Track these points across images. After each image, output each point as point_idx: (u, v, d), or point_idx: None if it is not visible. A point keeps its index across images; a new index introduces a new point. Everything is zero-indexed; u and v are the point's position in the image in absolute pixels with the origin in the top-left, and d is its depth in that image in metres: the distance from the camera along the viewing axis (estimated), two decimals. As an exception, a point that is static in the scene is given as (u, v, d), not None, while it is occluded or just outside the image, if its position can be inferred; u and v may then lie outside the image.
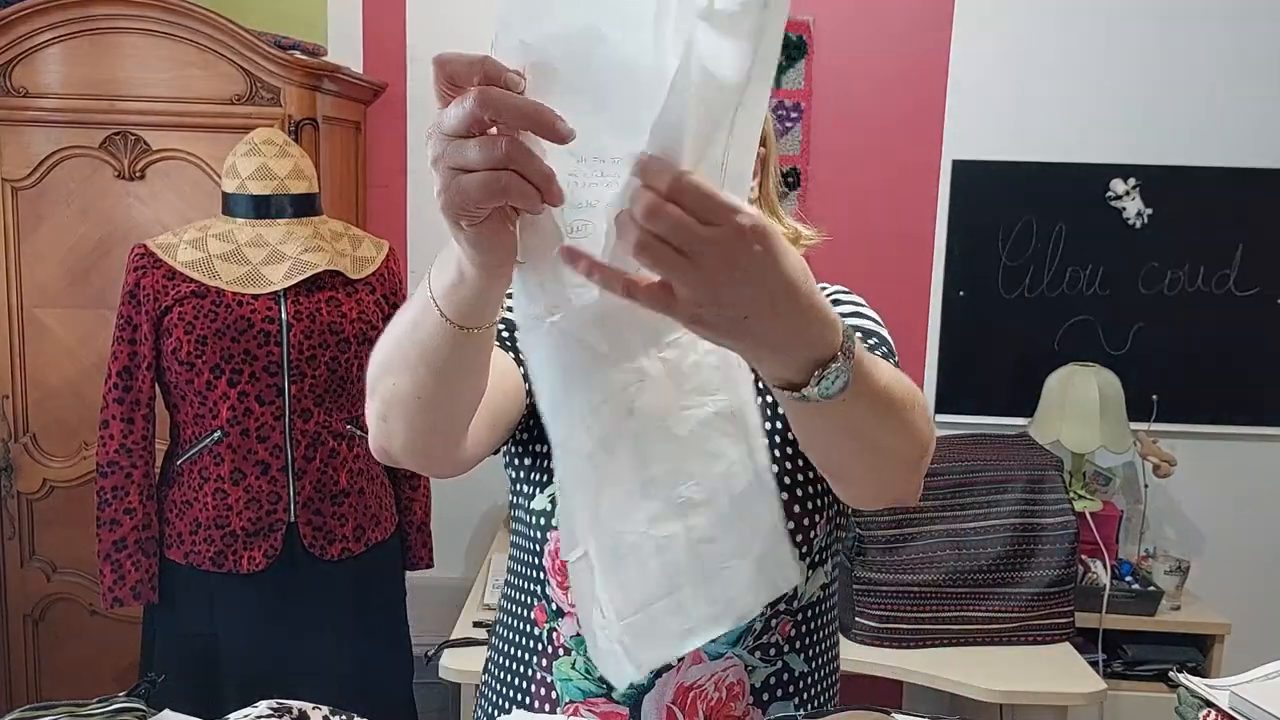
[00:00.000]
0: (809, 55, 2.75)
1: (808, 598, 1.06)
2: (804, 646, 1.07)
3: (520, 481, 1.11)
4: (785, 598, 1.03)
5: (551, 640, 1.07)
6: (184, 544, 1.96)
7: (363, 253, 2.08)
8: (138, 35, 2.24)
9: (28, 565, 2.42)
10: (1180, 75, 2.74)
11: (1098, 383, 2.62)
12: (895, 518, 2.25)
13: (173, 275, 1.92)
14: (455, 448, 0.91)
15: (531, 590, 1.09)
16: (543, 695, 1.06)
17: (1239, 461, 2.87)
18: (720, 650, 1.02)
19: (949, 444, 2.45)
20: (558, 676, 1.05)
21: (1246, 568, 2.89)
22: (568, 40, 0.68)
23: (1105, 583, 2.48)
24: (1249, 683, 1.16)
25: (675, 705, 1.02)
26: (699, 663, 1.02)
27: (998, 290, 2.81)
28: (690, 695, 1.02)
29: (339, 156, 2.55)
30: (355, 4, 2.75)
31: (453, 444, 0.91)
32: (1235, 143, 2.75)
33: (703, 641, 0.83)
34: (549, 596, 1.06)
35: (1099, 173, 2.77)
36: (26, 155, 2.28)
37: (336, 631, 2.04)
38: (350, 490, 2.02)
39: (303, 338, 1.93)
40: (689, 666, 1.02)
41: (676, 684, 1.02)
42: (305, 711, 1.15)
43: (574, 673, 1.04)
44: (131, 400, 1.94)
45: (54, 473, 2.39)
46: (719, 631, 0.84)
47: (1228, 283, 2.80)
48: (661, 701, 1.02)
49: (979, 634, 2.23)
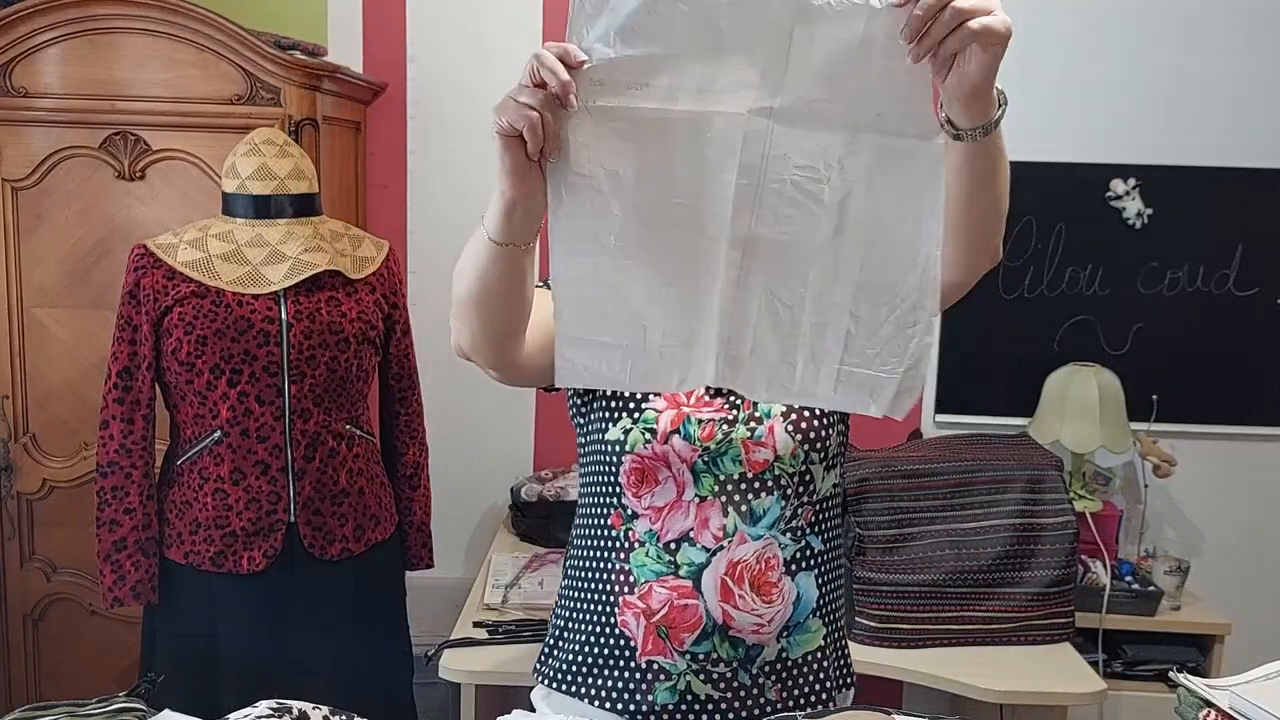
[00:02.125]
0: (809, 55, 2.75)
1: (823, 492, 1.34)
2: (821, 530, 1.34)
3: (589, 422, 1.38)
4: (809, 492, 1.32)
5: (627, 537, 1.32)
6: (184, 544, 1.96)
7: (363, 253, 2.08)
8: (138, 35, 2.24)
9: (27, 565, 2.42)
10: (1180, 75, 2.74)
11: (1097, 383, 2.62)
12: (895, 518, 2.25)
13: (173, 275, 1.92)
14: (510, 348, 1.18)
15: (608, 503, 1.35)
16: (621, 580, 1.32)
17: (1239, 461, 2.88)
18: (760, 533, 1.29)
19: (949, 444, 2.45)
20: (634, 564, 1.31)
21: (1246, 568, 2.89)
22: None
23: (1105, 583, 2.48)
24: (1249, 683, 1.16)
25: (727, 576, 1.28)
26: (744, 543, 1.29)
27: (998, 290, 2.81)
28: (738, 568, 1.28)
29: (339, 157, 2.55)
30: (355, 4, 2.76)
31: (507, 343, 1.18)
32: (1235, 143, 2.75)
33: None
34: (624, 504, 1.33)
35: (1099, 173, 2.77)
36: (26, 155, 2.28)
37: (336, 631, 2.04)
38: (350, 490, 2.02)
39: (303, 338, 1.93)
40: (737, 546, 1.28)
41: (728, 560, 1.28)
42: (305, 711, 1.15)
43: (648, 559, 1.31)
44: (131, 400, 1.94)
45: (54, 473, 2.40)
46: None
47: (1228, 283, 2.80)
48: (717, 574, 1.28)
49: (979, 634, 2.23)
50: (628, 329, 1.04)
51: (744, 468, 1.29)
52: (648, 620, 1.30)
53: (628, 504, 1.33)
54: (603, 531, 1.36)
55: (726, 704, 1.31)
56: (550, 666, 1.40)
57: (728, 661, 1.30)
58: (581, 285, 1.03)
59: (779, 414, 1.30)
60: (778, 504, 1.30)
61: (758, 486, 1.29)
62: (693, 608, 1.29)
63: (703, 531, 1.29)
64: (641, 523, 1.32)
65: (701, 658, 1.30)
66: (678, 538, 1.29)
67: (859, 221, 1.01)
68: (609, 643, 1.33)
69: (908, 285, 1.01)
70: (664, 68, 0.96)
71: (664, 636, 1.30)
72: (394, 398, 2.19)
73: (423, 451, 2.23)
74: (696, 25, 0.95)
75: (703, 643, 1.29)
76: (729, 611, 1.28)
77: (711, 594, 1.28)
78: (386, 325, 2.10)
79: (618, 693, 1.32)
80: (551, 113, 0.95)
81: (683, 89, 0.97)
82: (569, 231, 1.01)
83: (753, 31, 0.95)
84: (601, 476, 1.36)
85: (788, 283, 1.03)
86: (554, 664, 1.40)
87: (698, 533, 1.29)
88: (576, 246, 1.02)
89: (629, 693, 1.32)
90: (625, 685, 1.32)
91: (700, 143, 0.98)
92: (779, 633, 1.31)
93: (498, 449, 2.89)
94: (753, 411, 1.31)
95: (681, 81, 0.97)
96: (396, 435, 2.20)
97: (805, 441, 1.30)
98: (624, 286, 1.03)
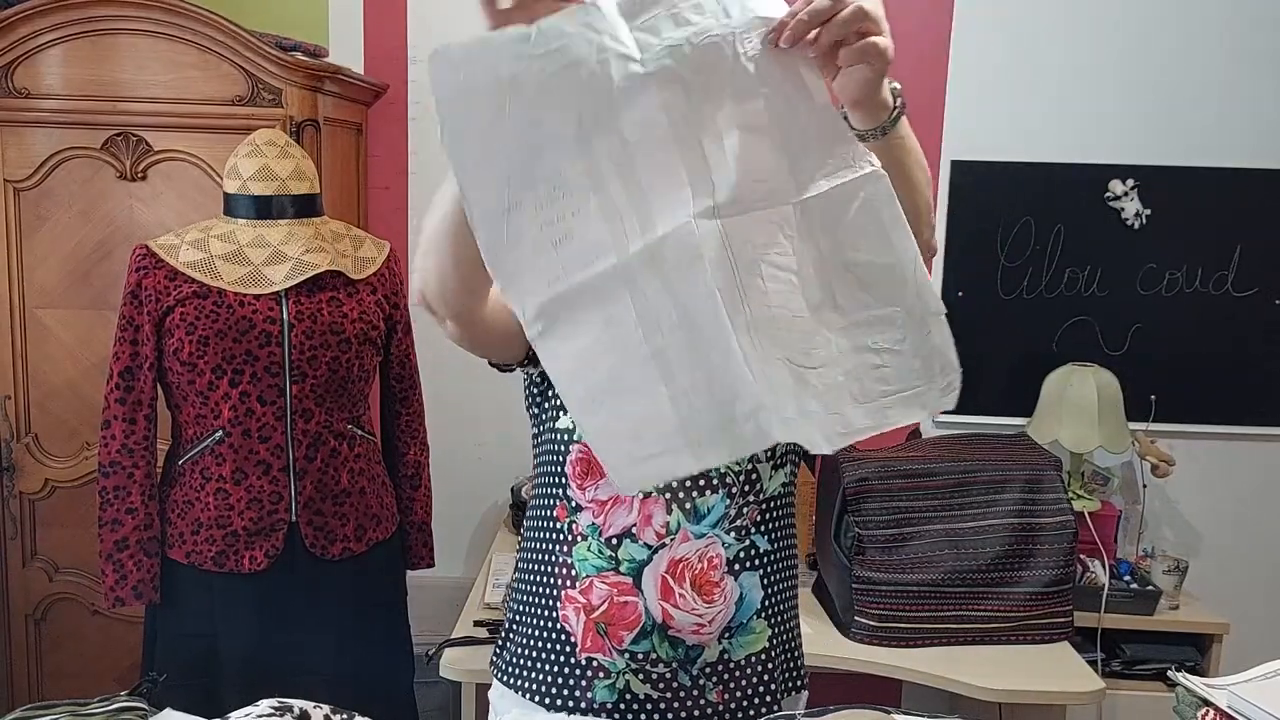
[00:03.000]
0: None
1: (770, 491, 1.33)
2: (768, 530, 1.33)
3: (543, 411, 1.37)
4: (754, 491, 1.31)
5: (571, 530, 1.32)
6: (185, 544, 1.96)
7: (364, 253, 2.09)
8: (139, 36, 2.25)
9: (29, 565, 2.43)
10: (1179, 76, 2.75)
11: (1096, 383, 2.63)
12: (894, 518, 2.25)
13: (174, 276, 1.92)
14: (478, 295, 1.19)
15: (554, 494, 1.34)
16: (563, 574, 1.32)
17: (1237, 461, 2.88)
18: (703, 531, 1.29)
19: (947, 444, 2.45)
20: (576, 558, 1.30)
21: (1245, 567, 2.90)
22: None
23: (1104, 582, 2.49)
24: (1247, 682, 1.17)
25: (668, 574, 1.27)
26: (686, 541, 1.28)
27: (996, 291, 2.81)
28: (680, 566, 1.28)
29: (340, 157, 2.55)
30: (356, 5, 2.76)
31: (476, 287, 1.18)
32: (1234, 143, 2.76)
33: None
34: (569, 496, 1.32)
35: (1098, 173, 2.78)
36: (28, 156, 2.29)
37: (337, 631, 2.05)
38: (351, 490, 2.03)
39: (304, 338, 1.94)
40: (679, 544, 1.28)
41: (669, 558, 1.28)
42: (306, 711, 1.16)
43: (589, 553, 1.30)
44: (133, 400, 1.94)
45: (56, 473, 2.40)
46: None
47: (1226, 283, 2.81)
48: (657, 572, 1.28)
49: (978, 633, 2.23)
50: (670, 439, 1.03)
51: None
52: (588, 616, 1.29)
53: (572, 496, 1.31)
54: (549, 524, 1.35)
55: (666, 704, 1.30)
56: (502, 659, 1.40)
57: (667, 662, 1.29)
58: (614, 429, 1.02)
59: None
60: (722, 502, 1.29)
61: (702, 484, 1.28)
62: (632, 605, 1.28)
63: (645, 528, 1.28)
64: (585, 515, 1.30)
65: (640, 657, 1.29)
66: (620, 533, 1.28)
67: (839, 271, 1.02)
68: (551, 637, 1.33)
69: (908, 302, 1.02)
70: (600, 220, 0.99)
71: (603, 634, 1.29)
72: (395, 398, 2.19)
73: (424, 451, 2.24)
74: (610, 173, 0.98)
75: (641, 641, 1.28)
76: (669, 610, 1.27)
77: (651, 592, 1.28)
78: (387, 325, 2.10)
79: (557, 689, 1.32)
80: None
81: (627, 233, 0.99)
82: (580, 387, 1.02)
83: (663, 153, 0.98)
84: (550, 467, 1.35)
85: (804, 349, 1.04)
86: (504, 659, 1.40)
87: (640, 529, 1.28)
88: (595, 405, 1.02)
89: (569, 689, 1.31)
90: (565, 682, 1.32)
91: (664, 269, 1.00)
92: (720, 634, 1.30)
93: (498, 449, 2.89)
94: None
95: (624, 227, 0.99)
96: (397, 435, 2.21)
97: None
98: (656, 417, 1.02)
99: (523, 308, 1.00)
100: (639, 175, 0.98)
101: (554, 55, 0.95)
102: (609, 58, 0.96)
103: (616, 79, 0.96)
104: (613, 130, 0.97)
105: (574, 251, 0.98)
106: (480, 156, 0.97)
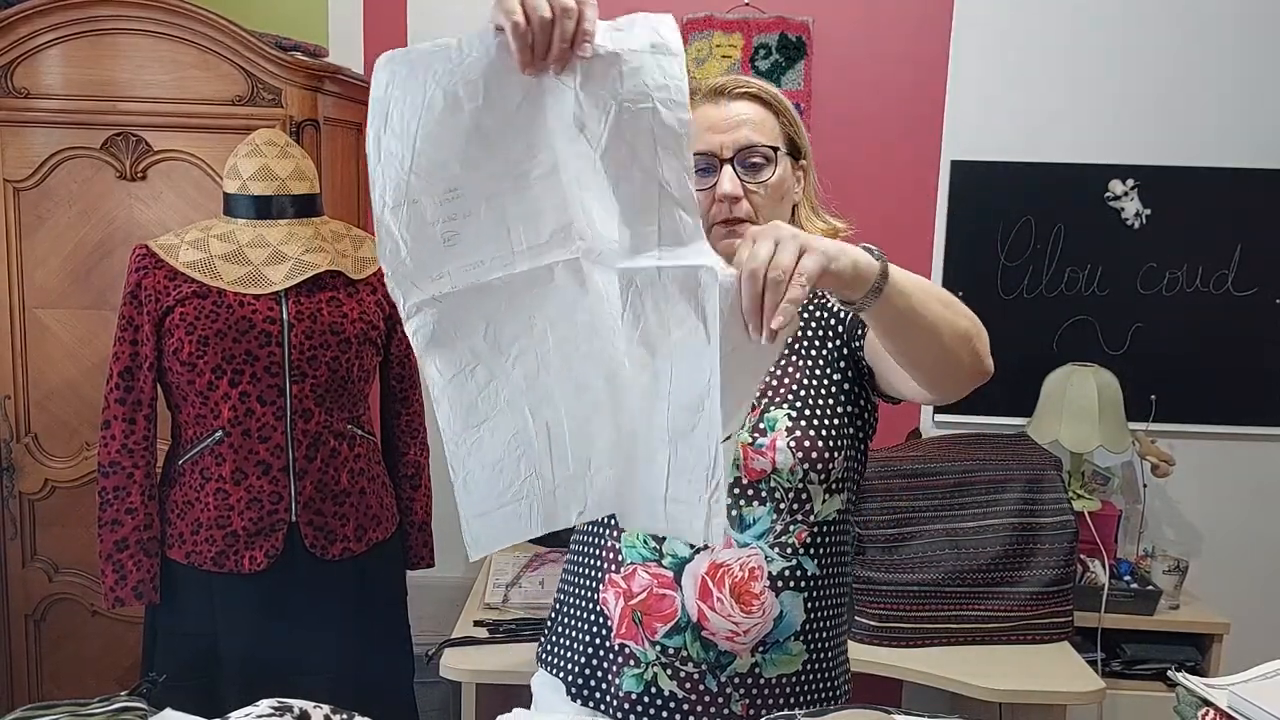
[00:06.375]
0: (808, 56, 2.76)
1: (822, 515, 1.32)
2: (818, 554, 1.32)
3: None
4: (804, 511, 1.31)
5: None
6: (185, 544, 1.96)
7: (364, 253, 2.09)
8: (139, 36, 2.25)
9: (29, 565, 2.43)
10: (1179, 76, 2.75)
11: (1096, 383, 2.63)
12: (894, 517, 2.25)
13: (174, 276, 1.92)
14: None
15: None
16: (609, 558, 1.35)
17: (1237, 461, 2.88)
18: (747, 541, 1.30)
19: (948, 444, 2.45)
20: (624, 544, 1.33)
21: (1245, 567, 2.90)
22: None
23: (1104, 582, 2.49)
24: (1247, 682, 1.17)
25: (708, 576, 1.29)
26: (729, 547, 1.29)
27: (997, 290, 2.82)
28: (720, 571, 1.29)
29: (340, 157, 2.55)
30: (356, 5, 2.76)
31: None
32: (1234, 143, 2.76)
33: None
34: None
35: (1098, 173, 2.78)
36: (28, 156, 2.29)
37: (338, 631, 2.04)
38: (351, 490, 2.03)
39: (304, 338, 1.94)
40: (722, 549, 1.29)
41: (710, 561, 1.29)
42: (306, 710, 1.16)
43: (637, 542, 1.33)
44: (133, 401, 1.94)
45: (55, 473, 2.40)
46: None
47: (1226, 283, 2.81)
48: (697, 572, 1.29)
49: (978, 633, 2.23)
50: (527, 480, 1.08)
51: (740, 473, 1.29)
52: (626, 602, 1.32)
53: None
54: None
55: (690, 706, 1.31)
56: (547, 641, 1.45)
57: (697, 663, 1.30)
58: (482, 454, 1.08)
59: (783, 428, 1.29)
60: (769, 516, 1.29)
61: (750, 495, 1.29)
62: (670, 598, 1.30)
63: None
64: None
65: (671, 652, 1.30)
66: None
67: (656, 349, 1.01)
68: (588, 619, 1.36)
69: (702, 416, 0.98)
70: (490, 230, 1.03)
71: (638, 622, 1.31)
72: (395, 397, 2.19)
73: (424, 451, 2.24)
74: (508, 189, 1.02)
75: (675, 636, 1.30)
76: (705, 611, 1.28)
77: (690, 590, 1.29)
78: (388, 325, 2.10)
79: (590, 670, 1.35)
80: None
81: (515, 253, 1.03)
82: (460, 406, 1.07)
83: (543, 202, 1.02)
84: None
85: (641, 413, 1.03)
86: (548, 639, 1.45)
87: None
88: (470, 418, 1.07)
89: (599, 674, 1.34)
90: (597, 667, 1.34)
91: (547, 290, 1.03)
92: (755, 647, 1.30)
93: (498, 449, 2.89)
94: (758, 421, 1.30)
95: (511, 243, 1.03)
96: (398, 435, 2.21)
97: (805, 460, 1.28)
98: (523, 441, 1.07)
99: (403, 299, 1.04)
100: (533, 198, 1.02)
101: (476, 64, 1.04)
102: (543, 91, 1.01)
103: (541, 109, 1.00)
104: (526, 149, 1.01)
105: (461, 252, 1.02)
106: (398, 154, 1.02)
